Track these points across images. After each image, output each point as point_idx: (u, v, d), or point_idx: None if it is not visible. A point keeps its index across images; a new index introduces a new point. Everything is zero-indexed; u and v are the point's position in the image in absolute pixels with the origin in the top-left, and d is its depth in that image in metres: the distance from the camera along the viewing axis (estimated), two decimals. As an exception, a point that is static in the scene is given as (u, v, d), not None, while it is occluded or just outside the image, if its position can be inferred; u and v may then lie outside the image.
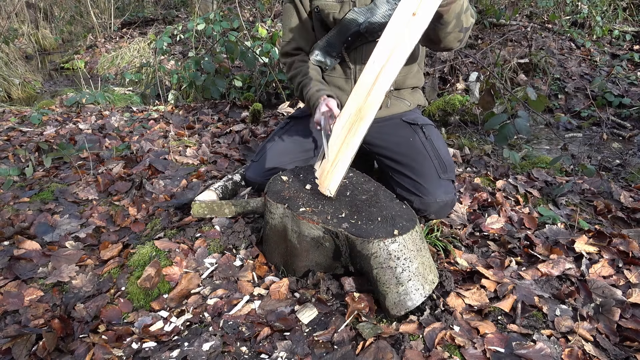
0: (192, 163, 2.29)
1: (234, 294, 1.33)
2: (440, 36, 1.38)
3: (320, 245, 1.28)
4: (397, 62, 1.10)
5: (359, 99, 1.19)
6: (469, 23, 1.39)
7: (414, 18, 1.06)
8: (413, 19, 1.06)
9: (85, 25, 8.21)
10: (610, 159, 2.78)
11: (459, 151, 2.48)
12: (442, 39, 1.39)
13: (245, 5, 6.14)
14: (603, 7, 5.28)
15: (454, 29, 1.35)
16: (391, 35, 1.10)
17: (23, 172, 2.20)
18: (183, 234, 1.58)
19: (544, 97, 2.27)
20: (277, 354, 1.10)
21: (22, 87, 5.02)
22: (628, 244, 1.50)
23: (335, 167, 1.28)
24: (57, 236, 1.67)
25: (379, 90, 1.14)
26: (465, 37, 1.44)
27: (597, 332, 1.16)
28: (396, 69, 1.11)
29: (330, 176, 1.31)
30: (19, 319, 1.25)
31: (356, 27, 1.57)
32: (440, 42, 1.42)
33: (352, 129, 1.22)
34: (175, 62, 4.40)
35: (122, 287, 1.37)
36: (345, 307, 1.25)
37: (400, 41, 1.09)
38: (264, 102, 3.52)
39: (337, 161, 1.27)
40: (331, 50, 1.66)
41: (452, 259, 1.46)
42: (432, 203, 1.59)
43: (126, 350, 1.13)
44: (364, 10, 1.56)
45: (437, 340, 1.10)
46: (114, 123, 2.97)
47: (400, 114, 1.79)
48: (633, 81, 3.98)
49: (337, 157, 1.27)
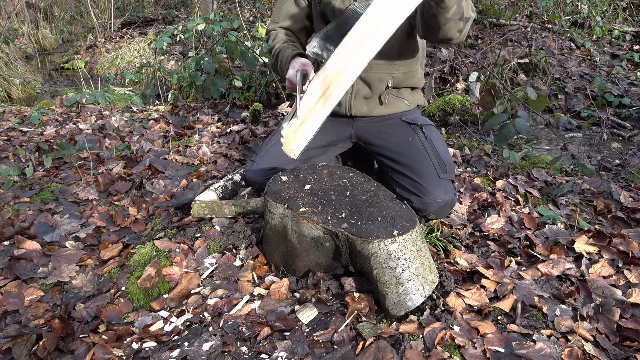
0: (192, 163, 2.29)
1: (234, 294, 1.33)
2: (440, 22, 1.36)
3: (320, 245, 1.28)
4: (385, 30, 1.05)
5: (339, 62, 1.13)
6: (469, 13, 1.39)
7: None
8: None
9: (85, 25, 8.21)
10: (610, 159, 2.78)
11: (459, 151, 2.48)
12: (442, 25, 1.37)
13: (245, 5, 6.14)
14: (603, 7, 5.28)
15: (454, 16, 1.34)
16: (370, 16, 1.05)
17: (23, 172, 2.20)
18: (183, 234, 1.58)
19: (544, 97, 2.27)
20: (277, 354, 1.10)
21: (22, 87, 5.02)
22: (628, 244, 1.50)
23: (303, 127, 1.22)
24: (57, 236, 1.67)
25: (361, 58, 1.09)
26: (466, 29, 1.43)
27: (597, 332, 1.16)
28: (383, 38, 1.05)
29: (297, 136, 1.24)
30: (19, 319, 1.25)
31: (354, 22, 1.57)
32: (440, 30, 1.40)
33: (327, 92, 1.16)
34: (175, 62, 4.41)
35: (122, 287, 1.37)
36: (345, 307, 1.25)
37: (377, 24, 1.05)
38: (264, 102, 3.52)
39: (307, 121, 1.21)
40: (329, 44, 1.65)
41: (452, 259, 1.46)
42: (432, 203, 1.59)
43: (126, 350, 1.13)
44: (364, 6, 1.56)
45: (437, 340, 1.10)
46: (114, 123, 2.97)
47: (400, 113, 1.79)
48: (633, 81, 3.98)
49: (308, 116, 1.21)
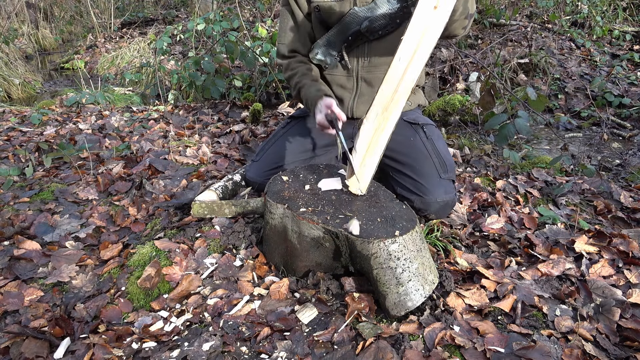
0: (192, 163, 2.29)
1: (234, 294, 1.33)
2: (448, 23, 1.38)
3: (321, 245, 1.28)
4: (423, 57, 1.13)
5: (385, 98, 1.22)
6: (473, 9, 1.43)
7: (436, 11, 1.09)
8: (435, 12, 1.09)
9: (85, 25, 8.21)
10: (610, 159, 2.78)
11: (459, 151, 2.48)
12: (449, 26, 1.41)
13: (245, 5, 6.13)
14: (603, 7, 5.28)
15: (460, 16, 1.39)
16: (415, 31, 1.12)
17: (23, 172, 2.20)
18: (183, 234, 1.58)
19: (544, 97, 2.28)
20: (277, 354, 1.10)
21: (22, 87, 5.02)
22: (628, 244, 1.50)
23: (365, 165, 1.33)
24: (57, 236, 1.67)
25: (405, 86, 1.18)
26: (469, 25, 1.47)
27: (597, 332, 1.16)
28: (421, 64, 1.14)
29: (361, 175, 1.35)
30: (19, 319, 1.25)
31: (356, 27, 1.57)
32: (447, 30, 1.42)
33: (380, 127, 1.26)
34: (175, 62, 4.40)
35: (122, 287, 1.37)
36: (345, 307, 1.25)
37: (424, 36, 1.11)
38: (264, 102, 3.52)
39: (367, 159, 1.32)
40: (331, 50, 1.66)
41: (452, 259, 1.46)
42: (432, 203, 1.59)
43: (126, 350, 1.13)
44: (364, 10, 1.56)
45: (437, 340, 1.10)
46: (114, 123, 2.97)
47: (401, 113, 1.79)
48: (633, 81, 3.98)
49: (366, 155, 1.31)
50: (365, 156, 1.32)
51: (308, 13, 1.70)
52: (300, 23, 1.71)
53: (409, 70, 1.15)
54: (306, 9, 1.69)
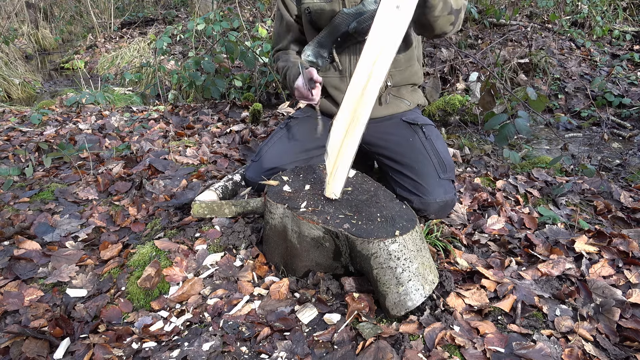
0: (192, 163, 2.29)
1: (234, 294, 1.33)
2: (430, 20, 1.38)
3: (321, 245, 1.28)
4: (387, 58, 1.11)
5: (352, 101, 1.20)
6: (459, 4, 1.40)
7: (398, 11, 1.07)
8: (397, 12, 1.08)
9: (85, 25, 8.21)
10: (610, 159, 2.78)
11: (459, 151, 2.48)
12: (433, 23, 1.39)
13: (245, 5, 6.13)
14: (603, 7, 5.28)
15: (442, 12, 1.36)
16: (378, 32, 1.11)
17: (23, 172, 2.20)
18: (183, 234, 1.58)
19: (544, 97, 2.27)
20: (277, 354, 1.10)
21: (22, 87, 5.02)
22: (628, 244, 1.50)
23: (336, 170, 1.30)
24: (57, 236, 1.67)
25: (372, 88, 1.15)
26: (458, 21, 1.45)
27: (597, 332, 1.16)
28: (386, 65, 1.12)
29: (333, 180, 1.32)
30: (19, 319, 1.25)
31: (345, 28, 1.58)
32: (433, 28, 1.42)
33: (349, 132, 1.23)
34: (175, 62, 4.40)
35: (122, 287, 1.37)
36: (345, 307, 1.25)
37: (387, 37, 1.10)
38: (264, 102, 3.52)
39: (337, 165, 1.29)
40: (322, 51, 1.67)
41: (452, 259, 1.46)
42: (432, 203, 1.59)
43: (126, 350, 1.13)
44: (352, 11, 1.57)
45: (437, 340, 1.10)
46: (114, 123, 2.97)
47: (400, 113, 1.79)
48: (633, 81, 3.98)
49: (337, 161, 1.28)
50: (336, 162, 1.28)
51: (298, 16, 1.74)
52: (289, 24, 1.79)
53: (374, 72, 1.13)
54: (296, 12, 1.74)
